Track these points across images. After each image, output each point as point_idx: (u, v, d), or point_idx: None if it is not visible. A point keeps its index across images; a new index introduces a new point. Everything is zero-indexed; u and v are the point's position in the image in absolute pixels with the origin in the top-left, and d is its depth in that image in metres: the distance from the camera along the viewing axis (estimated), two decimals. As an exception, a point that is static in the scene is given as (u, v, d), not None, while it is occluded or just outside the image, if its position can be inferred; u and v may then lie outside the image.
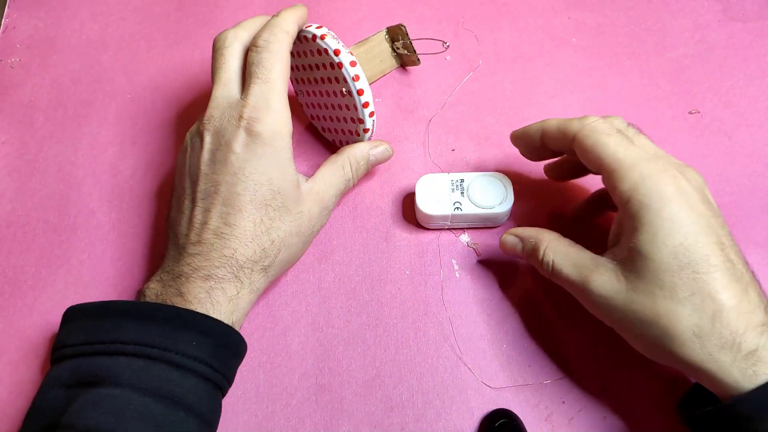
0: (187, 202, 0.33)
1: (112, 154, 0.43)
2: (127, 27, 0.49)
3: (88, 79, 0.46)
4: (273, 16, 0.35)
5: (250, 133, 0.32)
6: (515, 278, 0.39)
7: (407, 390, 0.36)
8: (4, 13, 0.50)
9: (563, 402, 0.35)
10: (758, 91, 0.45)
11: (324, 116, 0.41)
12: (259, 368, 0.36)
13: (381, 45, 0.43)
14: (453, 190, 0.38)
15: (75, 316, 0.31)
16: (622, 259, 0.30)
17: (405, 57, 0.44)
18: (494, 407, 0.35)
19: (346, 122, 0.39)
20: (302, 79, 0.41)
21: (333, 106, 0.39)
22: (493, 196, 0.38)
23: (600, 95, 0.45)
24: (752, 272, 0.29)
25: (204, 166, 0.33)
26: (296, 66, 0.40)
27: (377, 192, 0.42)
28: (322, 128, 0.43)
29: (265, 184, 0.32)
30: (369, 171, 0.39)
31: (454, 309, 0.38)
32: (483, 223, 0.40)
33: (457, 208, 0.38)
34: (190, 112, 0.45)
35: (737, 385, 0.27)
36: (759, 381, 0.26)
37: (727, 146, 0.43)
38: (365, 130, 0.38)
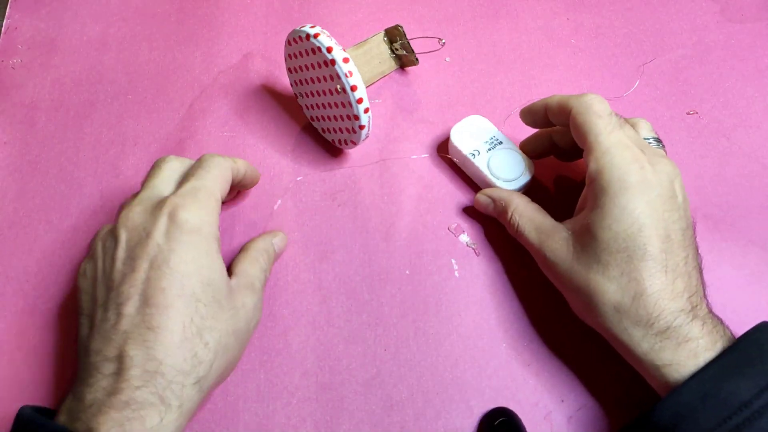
0: (100, 313, 0.28)
1: (114, 154, 0.43)
2: (129, 28, 0.49)
3: (90, 80, 0.47)
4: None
5: (174, 219, 0.29)
6: (514, 278, 0.39)
7: (407, 389, 0.36)
8: (6, 14, 0.50)
9: (562, 401, 0.35)
10: (756, 92, 0.46)
11: (322, 116, 0.41)
12: (260, 367, 0.36)
13: (379, 46, 0.43)
14: (487, 141, 0.41)
15: None
16: (575, 230, 0.33)
17: (404, 58, 0.45)
18: (493, 406, 0.35)
19: (343, 120, 0.39)
20: (301, 81, 0.41)
21: (330, 105, 0.39)
22: (505, 172, 0.39)
23: (599, 96, 0.46)
24: (698, 266, 0.32)
25: (120, 265, 0.29)
26: (294, 67, 0.41)
27: (377, 192, 0.42)
28: (322, 129, 0.43)
29: (194, 276, 0.28)
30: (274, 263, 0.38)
31: (453, 308, 0.38)
32: (483, 186, 0.41)
33: (473, 155, 0.40)
34: (192, 113, 0.45)
35: (645, 356, 0.30)
36: (663, 356, 0.29)
37: (725, 147, 0.44)
38: (361, 127, 0.38)
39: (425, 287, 0.39)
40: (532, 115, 0.38)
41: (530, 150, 0.41)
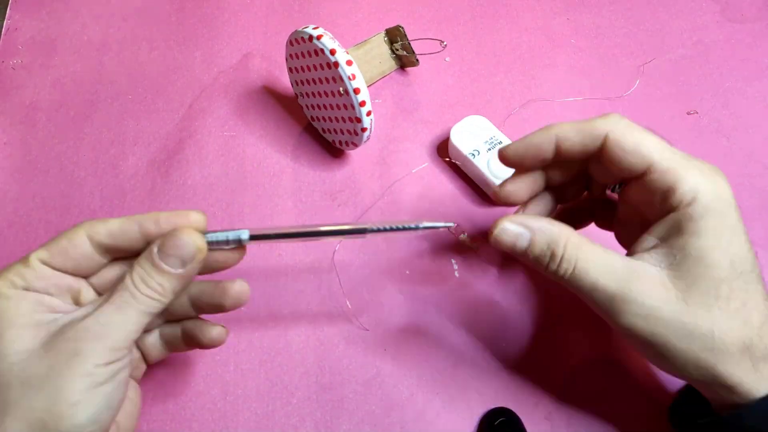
0: None
1: (114, 154, 0.43)
2: (129, 28, 0.49)
3: (90, 80, 0.47)
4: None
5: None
6: (515, 278, 0.39)
7: (407, 389, 0.36)
8: (6, 15, 0.50)
9: (562, 401, 0.35)
10: (756, 92, 0.46)
11: (323, 117, 0.41)
12: (260, 367, 0.36)
13: (380, 47, 0.43)
14: (487, 141, 0.41)
15: None
16: (670, 264, 0.27)
17: (404, 58, 0.45)
18: (494, 406, 0.35)
19: (345, 122, 0.39)
20: (302, 81, 0.41)
21: (331, 106, 0.39)
22: (506, 172, 0.39)
23: (598, 96, 0.46)
24: None
25: None
26: (295, 68, 0.41)
27: (377, 192, 0.42)
28: (322, 129, 0.43)
29: None
30: (194, 271, 0.27)
31: (453, 308, 0.38)
32: (483, 186, 0.41)
33: (473, 155, 0.40)
34: (192, 113, 0.45)
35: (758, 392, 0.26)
36: None
37: (725, 147, 0.44)
38: (363, 129, 0.38)
39: (425, 287, 0.39)
40: (533, 151, 0.29)
41: (525, 193, 0.32)
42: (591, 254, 0.27)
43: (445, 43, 0.45)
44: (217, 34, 0.49)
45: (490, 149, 0.40)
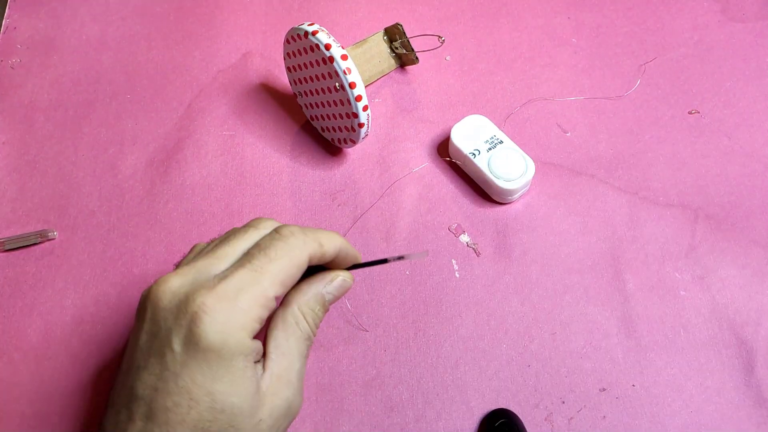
0: (114, 397, 0.26)
1: (113, 154, 0.43)
2: (127, 27, 0.49)
3: (89, 80, 0.47)
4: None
5: (192, 329, 0.24)
6: (514, 278, 0.39)
7: (407, 390, 0.36)
8: (5, 14, 0.50)
9: (563, 402, 0.35)
10: (757, 92, 0.45)
11: (321, 115, 0.41)
12: (259, 368, 0.36)
13: (379, 45, 0.43)
14: (487, 140, 0.41)
15: None
16: None
17: (404, 56, 0.44)
18: (494, 407, 0.35)
19: (342, 118, 0.39)
20: (300, 79, 0.41)
21: (329, 103, 0.39)
22: (506, 171, 0.39)
23: (599, 95, 0.45)
24: None
25: (139, 353, 0.25)
26: (293, 66, 0.41)
27: (377, 192, 0.42)
28: (322, 128, 0.43)
29: (204, 402, 0.24)
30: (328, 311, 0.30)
31: (453, 309, 0.38)
32: (484, 186, 0.41)
33: (473, 155, 0.40)
34: (190, 113, 0.45)
35: None
36: None
37: (727, 146, 0.43)
38: (360, 125, 0.38)
39: (425, 288, 0.38)
40: None
41: None
42: None
43: (443, 38, 0.45)
44: (215, 33, 0.49)
45: (490, 149, 0.40)
